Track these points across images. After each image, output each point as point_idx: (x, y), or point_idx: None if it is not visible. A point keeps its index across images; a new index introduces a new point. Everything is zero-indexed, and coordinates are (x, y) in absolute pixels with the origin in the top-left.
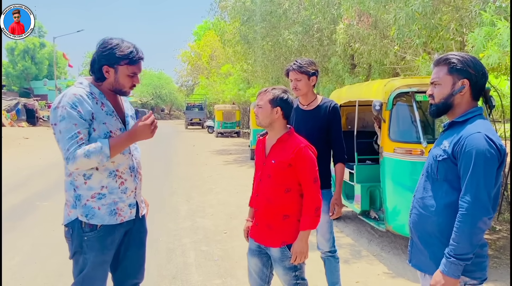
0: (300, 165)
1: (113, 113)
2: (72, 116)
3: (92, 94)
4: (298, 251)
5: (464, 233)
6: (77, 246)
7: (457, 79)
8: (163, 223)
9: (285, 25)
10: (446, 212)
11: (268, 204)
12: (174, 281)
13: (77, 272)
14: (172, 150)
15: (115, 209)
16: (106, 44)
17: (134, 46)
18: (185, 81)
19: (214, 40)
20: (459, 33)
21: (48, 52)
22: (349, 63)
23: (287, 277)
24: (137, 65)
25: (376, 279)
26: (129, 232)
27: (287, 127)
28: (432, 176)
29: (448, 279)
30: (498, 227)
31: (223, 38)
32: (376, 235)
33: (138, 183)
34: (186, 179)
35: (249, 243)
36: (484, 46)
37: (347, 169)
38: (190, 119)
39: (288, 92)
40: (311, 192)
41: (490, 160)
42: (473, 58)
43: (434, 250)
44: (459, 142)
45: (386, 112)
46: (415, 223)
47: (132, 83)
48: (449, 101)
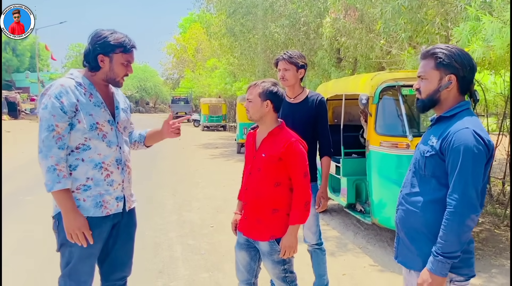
0: (291, 159)
1: (102, 104)
2: (54, 106)
3: (81, 84)
4: (287, 245)
5: (452, 231)
6: (63, 239)
7: (444, 74)
8: (149, 217)
9: (271, 18)
10: (433, 208)
11: (257, 198)
12: (160, 275)
13: (64, 265)
14: (158, 144)
15: (101, 201)
16: (99, 34)
17: (126, 35)
18: (170, 74)
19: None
20: (444, 28)
21: (30, 44)
22: (335, 57)
23: (276, 271)
24: (131, 53)
25: (362, 272)
26: (117, 226)
27: (278, 121)
28: (420, 172)
29: (435, 277)
30: (481, 220)
31: (209, 30)
32: (362, 228)
33: (126, 176)
34: (172, 173)
35: (237, 236)
36: (468, 41)
37: (333, 163)
38: (176, 112)
39: (278, 85)
40: (301, 186)
41: (478, 157)
42: (460, 51)
43: (421, 246)
44: (447, 138)
45: (372, 106)
46: (402, 219)
47: (125, 72)
48: (435, 97)
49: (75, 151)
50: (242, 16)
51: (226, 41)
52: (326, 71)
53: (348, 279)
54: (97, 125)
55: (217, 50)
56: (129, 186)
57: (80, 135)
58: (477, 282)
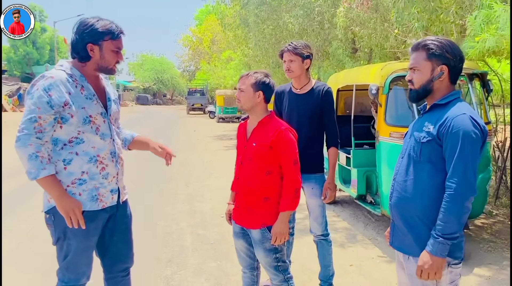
0: (281, 147)
1: (94, 97)
2: (40, 99)
3: (72, 76)
4: (278, 232)
5: (453, 213)
6: (60, 233)
7: (435, 65)
8: (161, 207)
9: (285, 8)
10: (429, 194)
11: (249, 187)
12: (170, 264)
13: (61, 258)
14: (173, 136)
15: (97, 194)
16: (86, 23)
17: (112, 22)
18: (186, 66)
19: (215, 24)
20: (459, 16)
21: (49, 37)
22: (350, 47)
23: (268, 259)
24: (120, 39)
25: (370, 263)
26: (113, 218)
27: (267, 111)
28: (415, 158)
29: (436, 258)
30: (495, 212)
31: (223, 22)
32: (373, 219)
33: (119, 169)
34: (186, 164)
35: (232, 226)
36: (482, 30)
37: (344, 154)
38: (192, 104)
39: (269, 76)
40: (291, 174)
41: (475, 141)
42: (450, 42)
43: (418, 232)
44: (445, 123)
45: (382, 96)
46: (397, 206)
47: (116, 59)
48: (428, 87)
49: (68, 144)
50: (256, 6)
51: (240, 32)
52: (340, 61)
53: (355, 270)
54: (90, 118)
55: (232, 41)
56: (122, 178)
57: (73, 129)
58: (487, 274)
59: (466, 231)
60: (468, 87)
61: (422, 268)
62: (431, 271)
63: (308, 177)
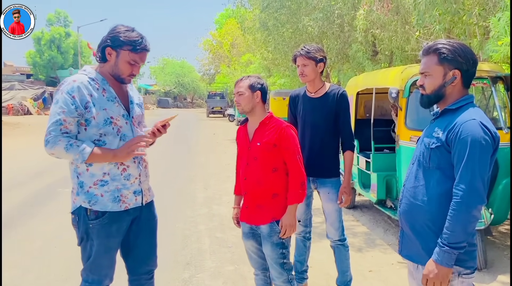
0: (284, 144)
1: (115, 99)
2: (64, 102)
3: (94, 80)
4: (287, 223)
5: (459, 222)
6: (83, 233)
7: (448, 70)
8: (180, 210)
9: (305, 11)
10: (438, 202)
11: (257, 185)
12: (188, 266)
13: (85, 259)
14: (193, 139)
15: (119, 196)
16: (116, 28)
17: (142, 36)
18: (207, 70)
19: (235, 28)
20: (483, 18)
21: (73, 41)
22: (371, 50)
23: (274, 254)
24: (140, 54)
25: (389, 268)
26: (137, 220)
27: (266, 111)
28: (424, 165)
29: (441, 268)
30: None
31: (243, 25)
32: (393, 224)
33: (142, 170)
34: (205, 167)
35: (241, 228)
36: (506, 32)
37: (363, 158)
38: (212, 107)
39: (262, 78)
40: (296, 168)
41: (485, 148)
42: (462, 45)
43: (426, 240)
44: (454, 129)
45: (402, 100)
46: (406, 213)
47: (131, 72)
48: (441, 92)
49: None
50: (276, 10)
51: (260, 36)
52: (360, 64)
53: (374, 276)
54: (111, 119)
55: (251, 45)
56: (146, 180)
57: (96, 131)
58: (506, 280)
59: (489, 238)
60: (491, 91)
61: (427, 277)
62: (437, 280)
63: (324, 182)
